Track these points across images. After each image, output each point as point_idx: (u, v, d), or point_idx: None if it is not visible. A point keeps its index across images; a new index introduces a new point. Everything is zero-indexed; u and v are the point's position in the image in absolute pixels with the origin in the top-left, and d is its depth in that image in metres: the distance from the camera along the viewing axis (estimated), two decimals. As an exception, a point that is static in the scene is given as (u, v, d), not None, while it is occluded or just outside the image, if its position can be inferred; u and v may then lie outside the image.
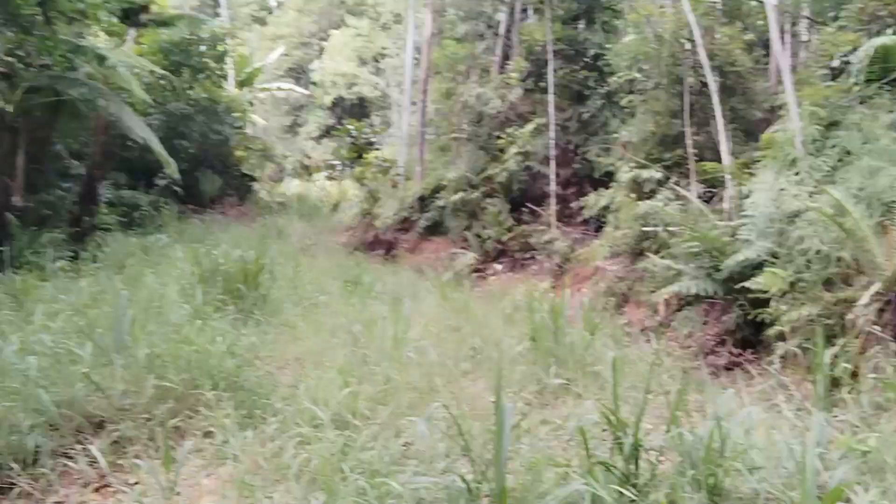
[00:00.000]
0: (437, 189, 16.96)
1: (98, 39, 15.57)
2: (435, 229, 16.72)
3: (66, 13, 11.25)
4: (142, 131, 12.81)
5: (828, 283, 6.93)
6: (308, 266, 12.84)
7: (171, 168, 13.83)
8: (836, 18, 10.54)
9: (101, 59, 12.06)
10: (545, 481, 3.92)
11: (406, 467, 4.30)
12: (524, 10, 18.10)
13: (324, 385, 5.73)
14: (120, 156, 17.45)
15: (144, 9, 15.40)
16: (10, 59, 11.38)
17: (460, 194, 15.43)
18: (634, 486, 3.78)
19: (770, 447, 4.12)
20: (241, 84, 27.82)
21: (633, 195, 11.31)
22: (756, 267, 7.74)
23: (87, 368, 5.19)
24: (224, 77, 23.01)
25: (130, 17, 15.15)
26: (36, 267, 9.33)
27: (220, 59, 21.83)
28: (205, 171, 21.28)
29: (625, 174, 11.58)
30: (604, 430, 4.55)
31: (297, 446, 4.58)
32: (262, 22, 45.72)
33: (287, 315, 8.79)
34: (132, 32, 18.07)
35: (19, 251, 10.33)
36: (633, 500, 3.64)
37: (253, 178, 25.25)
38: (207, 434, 4.97)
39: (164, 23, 16.52)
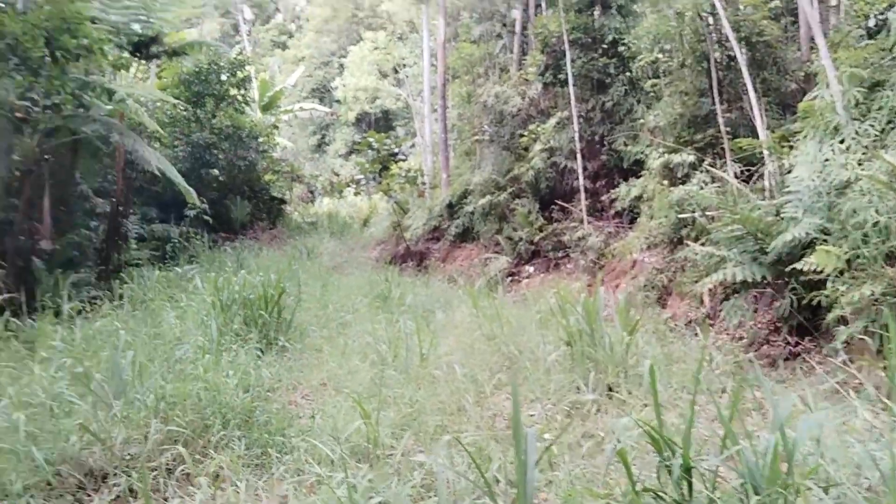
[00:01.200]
0: (465, 194, 16.55)
1: (123, 77, 15.58)
2: (465, 236, 16.29)
3: (70, 50, 11.09)
4: (159, 163, 12.61)
5: (890, 258, 6.28)
6: (337, 284, 12.53)
7: (192, 197, 13.65)
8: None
9: (111, 93, 11.91)
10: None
11: (426, 507, 3.86)
12: (538, 5, 17.62)
13: (343, 414, 5.33)
14: (148, 190, 17.43)
15: (155, 40, 15.25)
16: (24, 102, 11.28)
17: (488, 197, 14.96)
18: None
19: (846, 455, 3.55)
20: (265, 108, 27.84)
21: (666, 182, 10.71)
22: (806, 246, 7.10)
23: (84, 420, 4.84)
24: (247, 103, 22.96)
25: (141, 49, 15.02)
26: (54, 311, 9.11)
27: (241, 85, 21.76)
28: (234, 197, 21.24)
29: (655, 161, 10.99)
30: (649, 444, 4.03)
31: (308, 489, 4.15)
32: (283, 46, 46.07)
33: (312, 338, 8.46)
34: (153, 67, 18.11)
35: (44, 295, 10.16)
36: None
37: (283, 201, 25.18)
38: (217, 478, 4.58)
39: (177, 52, 16.37)
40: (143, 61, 16.33)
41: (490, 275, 13.43)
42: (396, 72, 35.34)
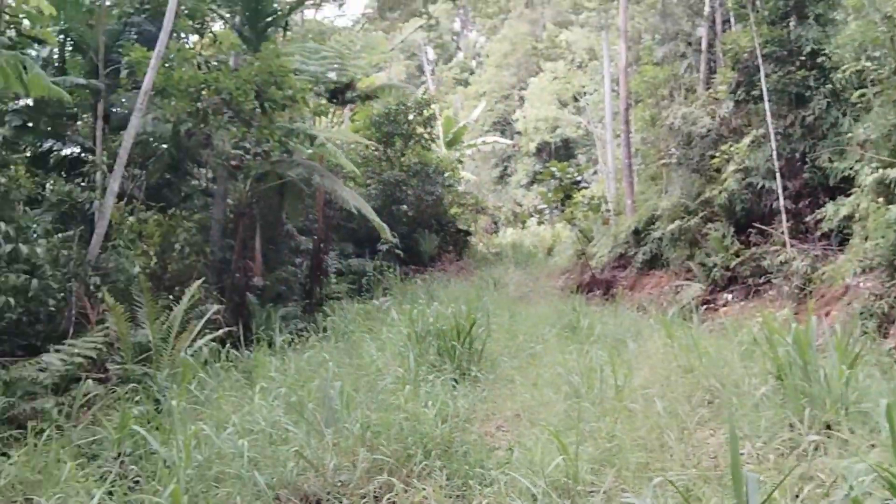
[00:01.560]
0: (652, 220, 16.07)
1: (319, 122, 16.81)
2: (654, 263, 15.79)
3: (278, 101, 12.10)
4: (355, 201, 13.37)
5: None
6: (524, 315, 12.55)
7: (386, 233, 14.31)
8: None
9: (312, 138, 12.83)
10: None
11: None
12: (726, 21, 16.92)
13: (541, 447, 5.30)
14: (345, 227, 18.54)
15: (349, 86, 16.28)
16: (237, 151, 12.42)
17: (677, 222, 14.43)
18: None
19: None
20: (449, 144, 28.77)
21: (882, 199, 9.78)
22: None
23: (299, 446, 5.17)
24: (433, 140, 23.86)
25: (337, 96, 16.09)
26: (268, 342, 9.84)
27: (427, 123, 22.67)
28: (422, 231, 22.02)
29: (868, 177, 10.08)
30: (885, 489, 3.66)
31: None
32: (464, 83, 47.47)
33: (503, 369, 8.51)
34: (346, 111, 19.36)
35: (258, 328, 11.03)
36: None
37: (468, 233, 25.75)
38: (420, 510, 4.72)
39: (368, 96, 17.36)
40: (339, 106, 17.45)
41: (682, 303, 12.90)
42: (576, 100, 35.24)
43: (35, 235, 8.61)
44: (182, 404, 6.09)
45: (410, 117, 22.09)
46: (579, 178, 20.66)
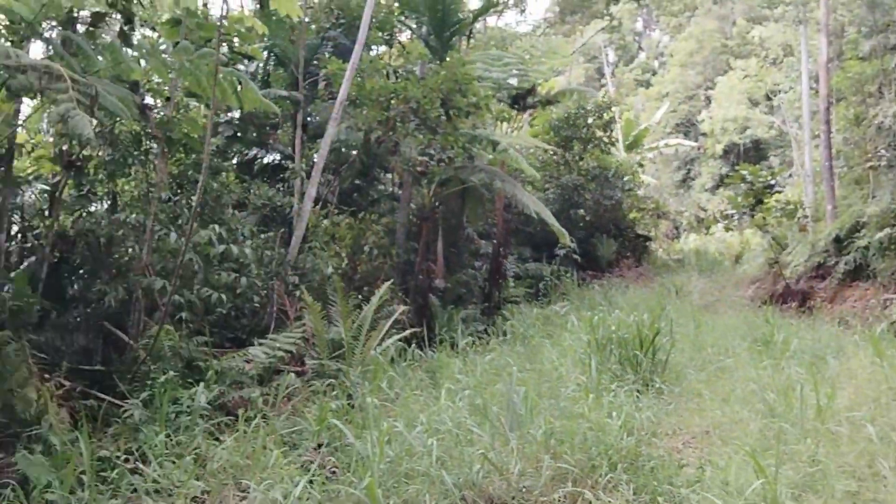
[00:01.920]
0: (856, 227, 14.78)
1: (499, 128, 17.05)
2: (858, 273, 14.50)
3: (462, 108, 12.39)
4: (535, 206, 13.39)
5: None
6: (710, 325, 12.00)
7: (565, 238, 14.21)
8: None
9: (494, 144, 13.01)
10: None
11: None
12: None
13: (735, 467, 5.04)
14: (522, 231, 18.65)
15: (530, 92, 16.34)
16: (423, 157, 12.85)
17: (886, 230, 13.17)
18: None
19: None
20: (630, 147, 28.14)
21: None
22: None
23: (484, 449, 5.26)
24: (612, 143, 23.44)
25: (518, 101, 16.21)
26: (450, 344, 10.08)
27: (606, 127, 22.33)
28: (600, 236, 21.70)
29: None
30: None
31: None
32: (646, 84, 46.24)
33: (689, 382, 8.18)
34: (526, 116, 19.47)
35: (440, 329, 11.35)
36: None
37: (648, 238, 25.06)
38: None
39: (549, 101, 17.34)
40: (519, 112, 17.56)
41: (892, 318, 11.77)
42: (769, 99, 33.21)
43: (242, 237, 9.36)
44: (374, 401, 6.38)
45: (590, 121, 21.83)
46: (772, 182, 19.35)
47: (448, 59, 13.05)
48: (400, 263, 12.91)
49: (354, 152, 13.46)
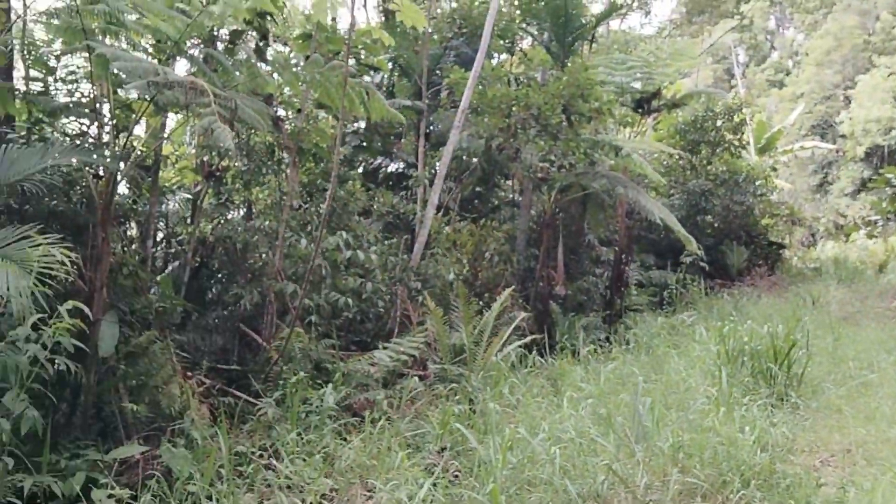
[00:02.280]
0: None
1: (622, 132, 16.74)
2: None
3: (584, 114, 12.25)
4: (659, 212, 13.05)
5: None
6: (851, 338, 11.27)
7: (692, 245, 13.76)
8: None
9: (617, 149, 12.77)
10: None
11: None
12: None
13: (882, 489, 4.72)
14: (645, 237, 18.22)
15: (655, 95, 15.94)
16: (543, 164, 12.80)
17: None
18: None
19: None
20: (762, 150, 26.94)
21: None
22: None
23: (608, 460, 5.15)
24: (743, 147, 22.50)
25: (642, 105, 15.84)
26: (571, 351, 9.97)
27: (737, 129, 21.47)
28: (730, 243, 20.87)
29: None
30: None
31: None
32: (779, 85, 44.17)
33: (827, 397, 7.73)
34: (650, 120, 19.01)
35: (561, 336, 11.25)
36: None
37: (781, 246, 23.87)
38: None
39: (675, 104, 16.86)
40: (643, 116, 17.17)
41: None
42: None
43: (367, 243, 9.62)
44: (495, 406, 6.39)
45: (718, 123, 21.03)
46: (922, 186, 18.04)
47: (570, 64, 12.93)
48: (520, 270, 12.88)
49: (476, 160, 13.55)
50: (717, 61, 46.49)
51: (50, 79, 6.94)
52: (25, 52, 6.68)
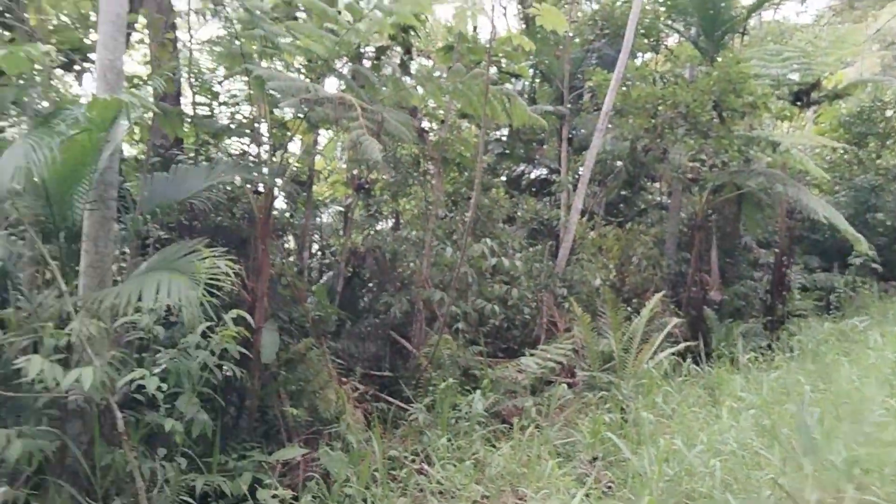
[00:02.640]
0: None
1: (779, 127, 15.81)
2: None
3: (737, 109, 11.67)
4: (824, 210, 12.17)
5: None
6: None
7: (861, 245, 12.74)
8: None
9: (774, 145, 12.06)
10: None
11: None
12: None
13: None
14: (808, 238, 17.17)
15: (815, 86, 14.94)
16: (693, 163, 12.32)
17: None
18: None
19: None
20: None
21: None
22: None
23: (774, 474, 4.83)
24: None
25: (801, 97, 14.88)
26: (729, 359, 9.49)
27: (914, 119, 19.75)
28: (905, 243, 19.18)
29: None
30: None
31: None
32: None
33: None
34: (810, 113, 17.84)
35: (717, 343, 10.75)
36: None
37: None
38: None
39: (837, 95, 15.71)
40: (802, 108, 16.14)
41: None
42: None
43: (512, 250, 9.62)
44: (649, 416, 6.18)
45: (888, 114, 19.41)
46: None
47: (720, 58, 12.36)
48: (670, 275, 12.45)
49: (620, 162, 13.26)
50: (884, 48, 42.88)
51: (214, 103, 7.45)
52: (192, 79, 7.20)
